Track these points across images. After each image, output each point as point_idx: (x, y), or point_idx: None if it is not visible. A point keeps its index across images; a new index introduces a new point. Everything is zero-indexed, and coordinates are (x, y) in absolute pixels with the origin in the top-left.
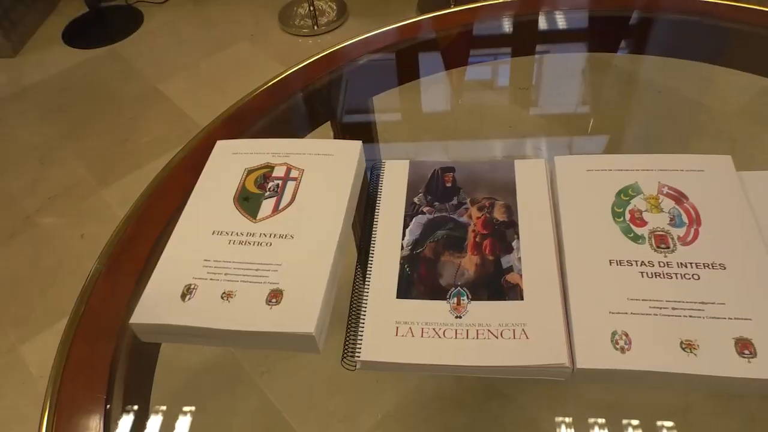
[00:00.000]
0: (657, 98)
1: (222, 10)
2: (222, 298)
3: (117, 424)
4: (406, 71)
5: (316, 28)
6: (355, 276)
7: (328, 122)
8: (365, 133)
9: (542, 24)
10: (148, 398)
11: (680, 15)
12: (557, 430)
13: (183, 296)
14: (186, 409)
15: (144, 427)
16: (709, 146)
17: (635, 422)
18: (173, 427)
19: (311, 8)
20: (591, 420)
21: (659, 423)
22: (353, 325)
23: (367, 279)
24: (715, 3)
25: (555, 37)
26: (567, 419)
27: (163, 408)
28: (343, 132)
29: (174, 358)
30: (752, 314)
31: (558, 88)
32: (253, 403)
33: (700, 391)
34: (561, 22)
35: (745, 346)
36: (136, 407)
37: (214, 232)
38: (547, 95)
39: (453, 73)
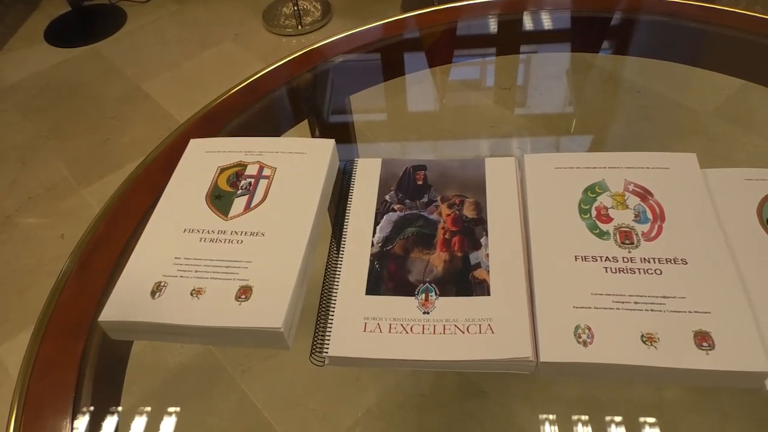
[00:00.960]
0: (637, 98)
1: (206, 9)
2: (191, 295)
3: (86, 424)
4: (387, 70)
5: (300, 27)
6: (325, 273)
7: (306, 121)
8: (343, 131)
9: (524, 24)
10: (118, 397)
11: (658, 17)
12: (534, 426)
13: (153, 293)
14: (165, 408)
15: (114, 425)
16: (686, 145)
17: (611, 418)
18: (151, 427)
19: (295, 8)
20: (567, 416)
21: (634, 418)
22: (322, 321)
23: (337, 276)
24: (691, 5)
25: (537, 37)
26: (544, 416)
27: (142, 408)
28: (321, 131)
29: (154, 357)
30: (711, 307)
31: (540, 88)
32: (233, 402)
33: (661, 383)
34: (543, 22)
35: (703, 339)
36: (105, 406)
37: (185, 230)
38: (529, 95)
39: (434, 73)
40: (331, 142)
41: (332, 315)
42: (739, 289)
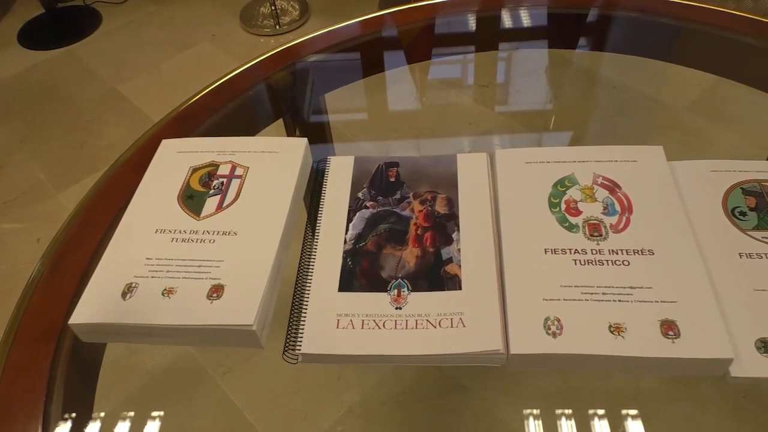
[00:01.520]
0: (613, 94)
1: (183, 10)
2: (163, 295)
3: (57, 428)
4: (364, 68)
5: (278, 27)
6: (298, 270)
7: (282, 120)
8: (319, 130)
9: (501, 21)
10: (92, 400)
11: (630, 13)
12: (514, 419)
13: (123, 295)
14: (144, 412)
15: (87, 429)
16: (662, 139)
17: (589, 409)
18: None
19: (273, 8)
20: (546, 408)
21: (613, 409)
22: (295, 318)
23: (310, 273)
24: (666, 1)
25: (514, 34)
26: (523, 409)
27: (121, 412)
28: (297, 130)
29: (133, 361)
30: (677, 297)
31: (518, 85)
32: (214, 403)
33: (628, 372)
34: (519, 18)
35: (669, 328)
36: (78, 410)
37: (157, 231)
38: (506, 92)
39: (412, 70)
40: (304, 140)
41: (305, 312)
42: (704, 278)
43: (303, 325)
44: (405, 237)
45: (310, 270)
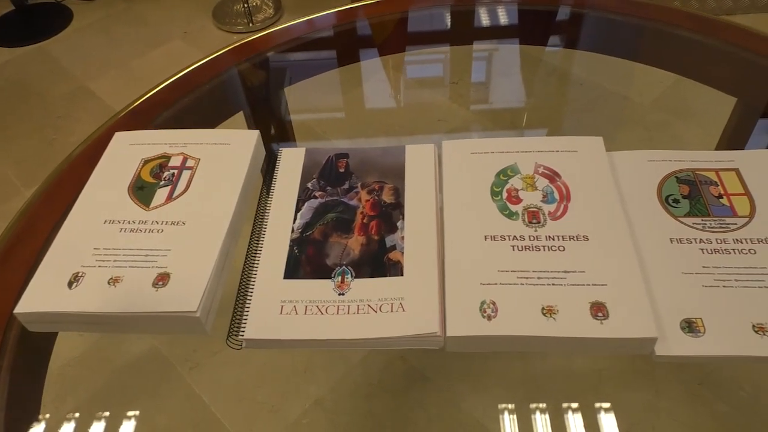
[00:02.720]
0: (579, 91)
1: (155, 7)
2: (109, 283)
3: (2, 420)
4: (328, 61)
5: (251, 25)
6: (245, 259)
7: (243, 114)
8: (278, 124)
9: (472, 16)
10: (40, 390)
11: (597, 11)
12: (477, 409)
13: (70, 284)
14: (111, 408)
15: (37, 423)
16: (625, 135)
17: (550, 397)
18: (97, 428)
19: (245, 5)
20: (509, 397)
21: (572, 397)
22: (240, 305)
23: (256, 262)
24: (630, 1)
25: (486, 30)
26: (487, 399)
27: (87, 408)
28: (257, 124)
29: (101, 356)
30: (608, 280)
31: (487, 82)
32: (181, 398)
33: (560, 352)
34: (491, 14)
35: (599, 309)
36: (23, 399)
37: (105, 221)
38: (477, 88)
39: (383, 65)
40: (255, 132)
41: (250, 299)
42: (634, 262)
43: (247, 311)
44: (351, 225)
45: (257, 258)
